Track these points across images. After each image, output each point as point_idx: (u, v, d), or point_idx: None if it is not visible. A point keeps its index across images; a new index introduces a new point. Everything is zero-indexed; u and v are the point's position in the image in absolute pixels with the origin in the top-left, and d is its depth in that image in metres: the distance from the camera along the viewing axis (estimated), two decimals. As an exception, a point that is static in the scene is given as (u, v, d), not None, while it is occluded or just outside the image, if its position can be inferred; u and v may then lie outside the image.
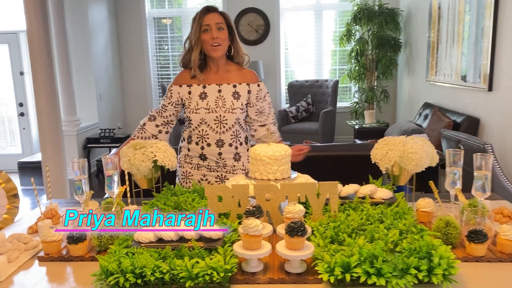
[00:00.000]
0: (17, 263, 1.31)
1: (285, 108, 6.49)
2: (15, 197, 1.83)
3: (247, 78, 2.13)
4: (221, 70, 2.12)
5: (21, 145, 6.42)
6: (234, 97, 2.08)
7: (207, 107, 2.08)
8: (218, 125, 2.09)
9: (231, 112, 2.09)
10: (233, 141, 2.12)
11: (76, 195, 1.52)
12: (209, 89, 2.11)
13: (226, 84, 2.10)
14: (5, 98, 6.38)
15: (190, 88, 2.13)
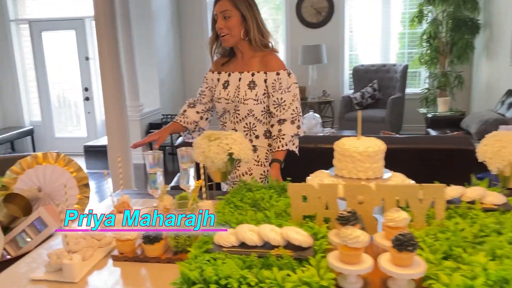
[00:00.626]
0: (91, 262, 1.23)
1: (349, 94, 6.19)
2: (86, 187, 1.78)
3: (267, 65, 1.93)
4: (245, 56, 1.99)
5: (86, 129, 6.62)
6: (249, 86, 1.94)
7: (227, 97, 1.99)
8: (233, 115, 1.99)
9: (242, 102, 1.94)
10: (246, 133, 1.99)
11: (151, 188, 1.42)
12: (232, 78, 2.00)
13: (246, 72, 1.97)
14: (71, 83, 6.58)
15: (219, 75, 2.04)
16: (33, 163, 1.76)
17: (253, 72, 1.94)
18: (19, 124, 6.59)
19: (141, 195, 1.81)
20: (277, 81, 1.91)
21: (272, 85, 1.91)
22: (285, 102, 1.92)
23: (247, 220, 1.32)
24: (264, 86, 1.92)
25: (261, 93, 1.92)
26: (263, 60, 1.93)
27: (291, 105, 1.93)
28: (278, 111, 1.93)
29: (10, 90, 6.51)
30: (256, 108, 1.94)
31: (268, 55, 1.94)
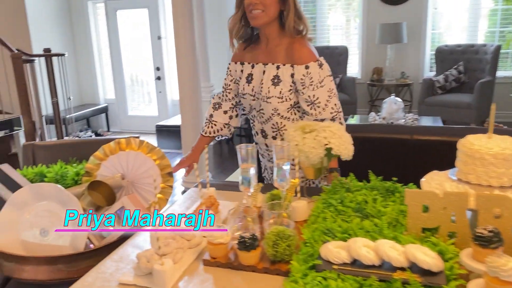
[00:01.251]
0: (181, 266, 1.12)
1: (431, 77, 5.72)
2: (169, 175, 1.69)
3: (294, 56, 1.61)
4: (271, 43, 1.68)
5: (157, 108, 6.71)
6: (273, 82, 1.64)
7: (252, 92, 1.73)
8: (259, 114, 1.73)
9: (265, 101, 1.67)
10: (275, 134, 1.73)
11: (242, 185, 1.27)
12: (256, 70, 1.72)
13: (271, 64, 1.67)
14: (144, 62, 6.66)
15: (242, 66, 1.78)
16: (116, 149, 1.70)
17: (278, 64, 1.64)
18: (94, 102, 6.82)
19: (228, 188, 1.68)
20: (307, 76, 1.59)
21: (301, 81, 1.60)
22: (319, 100, 1.61)
23: (353, 229, 1.14)
24: (291, 82, 1.63)
25: (287, 89, 1.64)
26: (290, 49, 1.62)
27: (328, 102, 1.62)
28: (313, 109, 1.62)
29: (87, 69, 6.73)
30: (281, 106, 1.66)
31: (295, 44, 1.62)
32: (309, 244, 1.08)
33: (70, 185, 1.64)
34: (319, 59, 1.64)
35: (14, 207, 1.48)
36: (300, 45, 1.62)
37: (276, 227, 1.11)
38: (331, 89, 1.63)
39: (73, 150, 1.95)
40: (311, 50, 1.63)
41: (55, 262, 1.40)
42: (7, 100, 4.06)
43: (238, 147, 1.26)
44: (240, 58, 1.78)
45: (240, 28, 1.69)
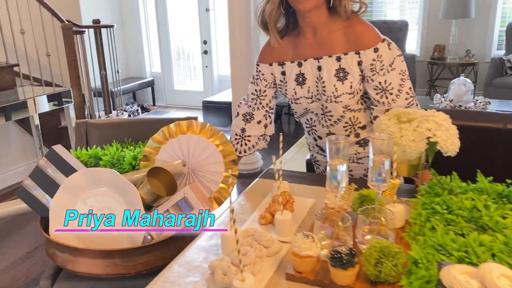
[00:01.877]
0: (261, 281, 0.94)
1: (500, 56, 5.23)
2: (233, 164, 1.51)
3: (358, 41, 1.35)
4: (320, 32, 1.39)
5: (203, 83, 6.57)
6: (338, 77, 1.37)
7: (309, 94, 1.45)
8: (323, 117, 1.45)
9: (334, 101, 1.40)
10: (349, 131, 1.48)
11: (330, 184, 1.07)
12: (307, 67, 1.43)
13: (327, 57, 1.38)
14: (190, 35, 6.49)
15: (283, 67, 1.47)
16: (177, 131, 1.53)
17: (338, 55, 1.37)
18: (140, 75, 6.76)
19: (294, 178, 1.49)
20: (377, 60, 1.35)
21: (371, 68, 1.36)
22: (391, 86, 1.37)
23: (472, 247, 0.92)
24: (359, 71, 1.38)
25: (357, 82, 1.38)
26: (349, 33, 1.36)
27: (402, 87, 1.38)
28: (384, 97, 1.38)
29: (134, 41, 6.64)
30: (353, 101, 1.43)
31: (355, 25, 1.36)
32: (422, 266, 0.87)
33: (127, 170, 1.50)
34: (385, 37, 1.38)
35: (68, 192, 1.36)
36: (363, 26, 1.36)
37: (378, 242, 0.91)
38: (403, 71, 1.38)
39: (128, 129, 1.80)
40: (375, 29, 1.38)
41: (111, 256, 1.28)
42: (57, 73, 4.01)
43: (328, 138, 1.05)
44: (277, 57, 1.48)
45: (278, 14, 1.39)
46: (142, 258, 1.30)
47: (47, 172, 1.42)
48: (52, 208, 1.34)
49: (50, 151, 1.42)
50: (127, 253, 1.28)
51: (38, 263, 2.45)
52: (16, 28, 3.66)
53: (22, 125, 3.81)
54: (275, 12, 1.37)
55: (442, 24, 5.63)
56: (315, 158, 1.71)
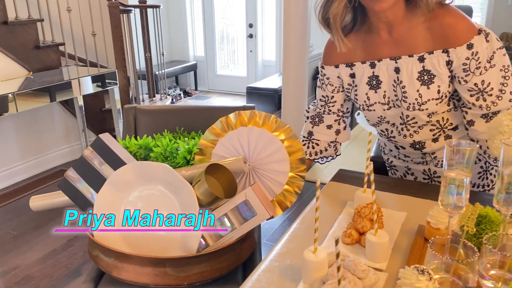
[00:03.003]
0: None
1: None
2: (301, 163, 1.30)
3: (446, 36, 1.10)
4: (397, 28, 1.16)
5: (246, 68, 6.36)
6: (422, 80, 1.14)
7: (385, 100, 1.24)
8: (404, 127, 1.21)
9: (418, 109, 1.17)
10: (437, 135, 1.23)
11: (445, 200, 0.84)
12: (381, 68, 1.20)
13: (406, 57, 1.15)
14: (236, 18, 6.28)
15: (351, 69, 1.26)
16: (237, 123, 1.33)
17: (421, 54, 1.15)
18: (184, 59, 6.63)
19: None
20: (472, 58, 1.10)
21: (464, 68, 1.11)
22: (491, 86, 1.12)
23: None
24: (448, 72, 1.15)
25: (446, 85, 1.16)
26: (435, 27, 1.12)
27: (505, 86, 1.12)
28: (482, 100, 1.14)
29: (178, 24, 6.50)
30: (440, 106, 1.20)
31: (441, 17, 1.11)
32: None
33: (181, 165, 1.32)
34: (481, 27, 1.11)
35: (115, 187, 1.20)
36: (453, 17, 1.11)
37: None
38: (506, 67, 1.12)
39: (180, 117, 1.63)
40: (468, 19, 1.12)
41: (162, 264, 1.13)
42: (102, 53, 3.91)
43: (447, 143, 0.82)
44: (344, 58, 1.28)
45: (345, 13, 1.18)
46: (196, 269, 1.15)
47: (93, 164, 1.27)
48: (97, 204, 1.19)
49: (97, 140, 1.26)
50: (180, 262, 1.13)
51: (79, 253, 2.35)
52: (63, 6, 3.57)
53: (66, 106, 3.75)
54: (342, 11, 1.16)
55: (511, 10, 5.16)
56: (391, 163, 1.48)
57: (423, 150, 1.31)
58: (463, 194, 0.81)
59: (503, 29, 5.27)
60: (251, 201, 1.17)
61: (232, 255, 1.19)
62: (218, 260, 1.16)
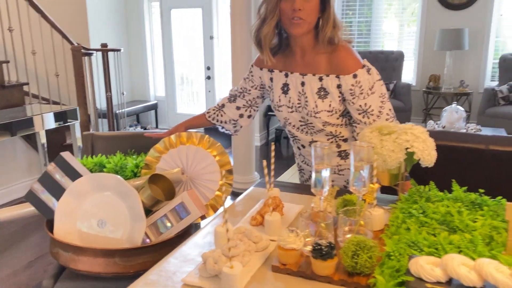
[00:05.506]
0: (249, 271, 1.04)
1: (493, 87, 5.39)
2: (229, 173, 1.62)
3: (338, 66, 1.48)
4: (308, 53, 1.53)
5: (205, 107, 6.73)
6: (319, 95, 1.51)
7: (290, 104, 1.59)
8: (304, 128, 1.57)
9: (314, 116, 1.53)
10: (331, 141, 1.59)
11: (315, 187, 1.17)
12: (292, 79, 1.58)
13: (311, 75, 1.53)
14: (194, 61, 6.70)
15: (272, 74, 1.62)
16: (177, 142, 1.64)
17: (320, 75, 1.51)
18: (145, 98, 6.93)
19: (287, 188, 1.59)
20: (356, 86, 1.47)
21: (351, 92, 1.48)
22: (371, 108, 1.49)
23: (441, 244, 1.02)
24: (338, 93, 1.51)
25: (336, 102, 1.51)
26: (332, 58, 1.49)
27: (382, 108, 1.50)
28: (366, 117, 1.50)
29: (139, 66, 6.85)
30: (332, 119, 1.55)
31: (337, 52, 1.48)
32: (394, 258, 0.97)
33: (129, 177, 1.60)
34: (365, 63, 1.50)
35: (73, 196, 1.45)
36: (345, 53, 1.49)
37: (356, 236, 1.00)
38: (383, 94, 1.50)
39: (132, 142, 1.92)
40: (356, 57, 1.50)
41: (111, 255, 1.36)
42: (65, 93, 4.16)
43: (313, 145, 1.16)
44: (268, 64, 1.60)
45: (273, 36, 1.53)
46: (140, 259, 1.38)
47: (55, 177, 1.53)
48: (57, 210, 1.44)
49: (59, 158, 1.53)
50: (127, 253, 1.36)
51: (39, 272, 2.52)
52: (28, 49, 3.83)
53: (29, 141, 3.94)
54: (271, 34, 1.52)
55: (437, 55, 5.83)
56: (300, 167, 1.82)
57: None
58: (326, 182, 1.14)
59: (431, 71, 5.92)
60: (186, 203, 1.46)
61: (171, 248, 1.45)
62: (159, 252, 1.40)
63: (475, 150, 2.00)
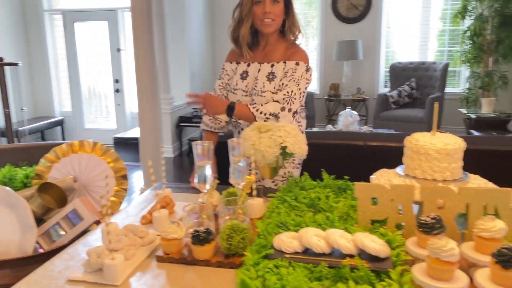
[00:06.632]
0: (133, 263, 1.10)
1: (385, 93, 5.95)
2: (123, 179, 1.67)
3: (290, 56, 1.79)
4: (269, 46, 1.84)
5: (115, 121, 6.59)
6: (268, 78, 1.77)
7: (245, 88, 1.83)
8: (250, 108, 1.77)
9: (259, 95, 1.76)
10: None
11: (198, 182, 1.27)
12: (251, 68, 1.84)
13: (266, 64, 1.81)
14: (102, 74, 6.54)
15: (237, 65, 1.89)
16: (69, 151, 1.66)
17: (273, 63, 1.79)
18: (49, 114, 6.61)
19: (182, 189, 1.68)
20: (292, 70, 1.75)
21: (285, 73, 1.76)
22: (285, 87, 1.74)
23: (306, 223, 1.17)
24: (282, 77, 1.77)
25: (278, 84, 1.76)
26: (288, 51, 1.80)
27: (287, 93, 1.74)
28: (279, 91, 1.76)
29: (42, 80, 6.53)
30: (272, 98, 1.77)
31: (293, 47, 1.81)
32: (263, 236, 1.10)
33: (19, 188, 1.58)
34: (309, 66, 1.80)
35: (-43, 210, 1.41)
36: (301, 50, 1.81)
37: (231, 221, 1.12)
38: (300, 89, 1.76)
39: (25, 154, 1.88)
40: (307, 56, 1.81)
41: (1, 267, 1.34)
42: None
43: (194, 143, 1.26)
44: (237, 58, 1.89)
45: (249, 35, 1.81)
46: (32, 268, 1.37)
47: None
48: None
49: None
50: (17, 263, 1.34)
51: None
52: None
53: None
54: (248, 34, 1.80)
55: (336, 65, 6.30)
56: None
57: None
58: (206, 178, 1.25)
59: (332, 80, 6.39)
60: (79, 209, 1.48)
61: (65, 255, 1.46)
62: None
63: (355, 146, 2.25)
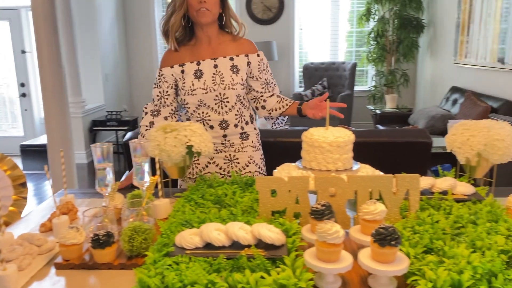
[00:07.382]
0: (29, 272, 1.06)
1: (300, 92, 6.19)
2: (22, 187, 1.58)
3: (245, 48, 1.86)
4: (213, 41, 1.84)
5: (23, 127, 6.15)
6: (233, 71, 1.82)
7: (204, 86, 1.80)
8: (219, 104, 1.82)
9: (231, 88, 1.80)
10: (238, 121, 1.86)
11: (99, 186, 1.25)
12: (204, 65, 1.82)
13: (222, 58, 1.83)
14: (6, 78, 6.08)
15: (183, 67, 1.83)
16: (-42, 160, 1.53)
17: (231, 56, 1.82)
18: None
19: (88, 195, 1.63)
20: (261, 62, 1.87)
21: (258, 67, 1.86)
22: (270, 81, 1.91)
23: (210, 219, 1.20)
24: (247, 70, 1.84)
25: (245, 77, 1.84)
26: (236, 44, 1.85)
27: (274, 79, 1.95)
28: (266, 90, 1.90)
29: None
30: (242, 93, 1.85)
31: (238, 39, 1.87)
32: (165, 235, 1.10)
33: None
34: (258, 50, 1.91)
35: None
36: (246, 40, 1.87)
37: (132, 223, 1.11)
38: (271, 73, 1.95)
39: None
40: (254, 44, 1.90)
41: None
42: None
43: (93, 146, 1.24)
44: (177, 61, 1.82)
45: (179, 26, 1.78)
46: None
47: None
48: None
49: None
50: None
51: None
52: None
53: None
54: (178, 23, 1.76)
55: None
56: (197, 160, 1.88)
57: (226, 131, 1.82)
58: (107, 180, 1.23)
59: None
60: (-29, 221, 1.38)
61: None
62: None
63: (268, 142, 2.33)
